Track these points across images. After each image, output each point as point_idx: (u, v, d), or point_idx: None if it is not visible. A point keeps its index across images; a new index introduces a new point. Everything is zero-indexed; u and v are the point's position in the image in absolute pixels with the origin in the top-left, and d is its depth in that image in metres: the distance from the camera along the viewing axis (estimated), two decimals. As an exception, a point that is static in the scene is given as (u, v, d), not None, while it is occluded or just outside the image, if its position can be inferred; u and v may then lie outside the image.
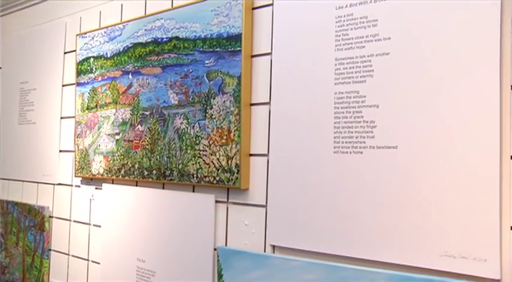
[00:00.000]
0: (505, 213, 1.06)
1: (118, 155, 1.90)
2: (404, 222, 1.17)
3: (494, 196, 1.05)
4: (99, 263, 2.02)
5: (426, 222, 1.14)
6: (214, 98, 1.56)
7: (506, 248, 1.05)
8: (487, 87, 1.07)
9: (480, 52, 1.08)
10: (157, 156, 1.73)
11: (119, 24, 1.94)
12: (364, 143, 1.24)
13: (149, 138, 1.78)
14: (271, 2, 1.49)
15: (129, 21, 1.90)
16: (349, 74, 1.28)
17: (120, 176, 1.88)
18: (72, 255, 2.18)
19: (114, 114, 1.93)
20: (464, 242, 1.08)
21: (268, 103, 1.47)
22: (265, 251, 1.45)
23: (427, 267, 1.13)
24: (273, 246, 1.44)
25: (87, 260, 2.10)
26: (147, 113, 1.79)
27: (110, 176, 1.94)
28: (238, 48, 1.50)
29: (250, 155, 1.51)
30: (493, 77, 1.07)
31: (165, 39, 1.75)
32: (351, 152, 1.26)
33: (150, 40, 1.80)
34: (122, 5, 2.01)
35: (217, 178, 1.54)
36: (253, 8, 1.53)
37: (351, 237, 1.25)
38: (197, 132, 1.60)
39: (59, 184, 2.28)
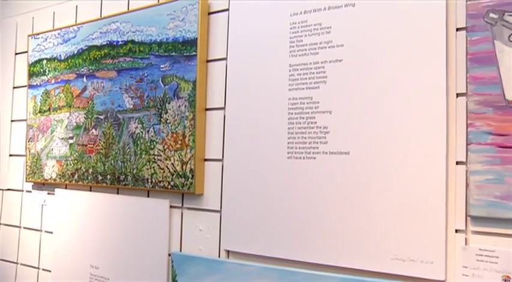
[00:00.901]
0: (450, 217, 1.09)
1: (71, 160, 1.86)
2: (355, 226, 1.19)
3: (440, 201, 1.09)
4: (50, 271, 1.96)
5: (377, 227, 1.16)
6: (169, 103, 1.55)
7: (451, 250, 1.08)
8: (434, 94, 1.11)
9: (427, 61, 1.12)
10: (112, 161, 1.71)
11: (74, 25, 1.91)
12: (317, 148, 1.25)
13: (103, 142, 1.75)
14: (227, 7, 1.50)
15: (84, 23, 1.87)
16: (303, 80, 1.29)
17: (74, 181, 1.84)
18: (21, 264, 2.11)
19: (68, 118, 1.89)
20: (413, 246, 1.11)
21: (223, 108, 1.47)
22: (219, 256, 1.45)
23: (378, 270, 1.15)
24: (228, 252, 1.44)
25: (38, 268, 2.03)
26: (102, 117, 1.76)
27: (63, 180, 1.89)
28: (194, 53, 1.50)
29: (205, 160, 1.50)
30: (439, 84, 1.10)
31: (120, 43, 1.72)
32: (304, 158, 1.28)
33: (105, 43, 1.77)
34: (76, 6, 1.97)
35: (172, 183, 1.52)
36: (210, 13, 1.53)
37: (304, 242, 1.27)
38: (152, 136, 1.59)
39: (8, 189, 2.21)
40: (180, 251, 1.54)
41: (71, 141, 1.87)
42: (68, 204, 1.90)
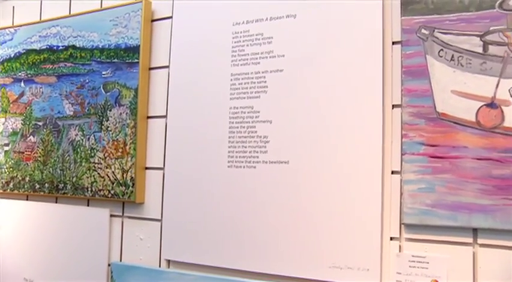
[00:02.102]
0: (385, 225, 1.12)
1: (7, 168, 1.79)
2: (295, 235, 1.20)
3: (376, 209, 1.12)
4: (-17, 283, 1.88)
5: (315, 235, 1.18)
6: (110, 110, 1.52)
7: (386, 257, 1.11)
8: (371, 105, 1.14)
9: (365, 72, 1.15)
10: (50, 169, 1.66)
11: (10, 27, 1.84)
12: (258, 157, 1.26)
13: (42, 149, 1.69)
14: (170, 15, 1.49)
15: (21, 25, 1.81)
16: (244, 90, 1.30)
17: (9, 190, 1.77)
18: (-47, 276, 2.02)
19: (3, 124, 1.82)
20: (350, 254, 1.13)
21: (165, 116, 1.46)
22: (160, 265, 1.43)
23: (317, 278, 1.17)
24: (168, 261, 1.42)
25: (-30, 280, 1.95)
26: (40, 123, 1.71)
27: (-3, 189, 1.82)
28: (136, 60, 1.48)
29: (146, 168, 1.48)
30: (376, 96, 1.14)
31: (61, 48, 1.68)
32: (244, 167, 1.28)
33: (44, 47, 1.72)
34: (13, 7, 1.90)
35: (112, 192, 1.50)
36: (153, 20, 1.52)
37: (244, 251, 1.27)
38: (92, 144, 1.55)
39: None
40: (120, 260, 1.51)
41: (6, 148, 1.80)
42: (1, 214, 1.82)
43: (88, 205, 1.61)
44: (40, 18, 1.81)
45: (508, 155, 1.01)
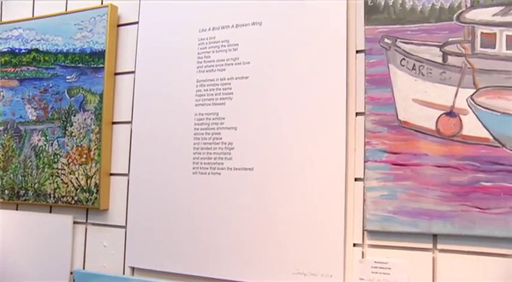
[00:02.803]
0: (349, 231, 1.14)
1: (-34, 173, 1.74)
2: (259, 242, 1.20)
3: (340, 216, 1.13)
4: None
5: (279, 242, 1.18)
6: (74, 115, 1.50)
7: (349, 264, 1.13)
8: (335, 113, 1.15)
9: (329, 80, 1.17)
10: (11, 175, 1.62)
11: (-31, 29, 1.79)
12: (222, 164, 1.26)
13: (2, 155, 1.65)
14: (137, 20, 1.48)
15: (-19, 27, 1.77)
16: (210, 96, 1.30)
17: (-32, 196, 1.72)
18: None
19: (-37, 129, 1.77)
20: (314, 260, 1.14)
21: (130, 122, 1.45)
22: (124, 273, 1.41)
23: (281, 284, 1.17)
24: (132, 268, 1.40)
25: None
26: (1, 128, 1.67)
27: (-45, 196, 1.76)
28: (102, 65, 1.46)
29: (111, 174, 1.46)
30: (340, 103, 1.15)
31: (23, 51, 1.65)
32: (209, 173, 1.28)
33: (6, 50, 1.69)
34: (-27, 8, 1.86)
35: (76, 198, 1.47)
36: (119, 25, 1.51)
37: (209, 258, 1.27)
38: (56, 150, 1.53)
39: None
40: (83, 268, 1.49)
41: (-34, 153, 1.75)
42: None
43: (50, 212, 1.58)
44: (1, 20, 1.77)
45: (466, 163, 1.03)
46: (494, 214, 1.01)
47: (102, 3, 1.52)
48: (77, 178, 1.48)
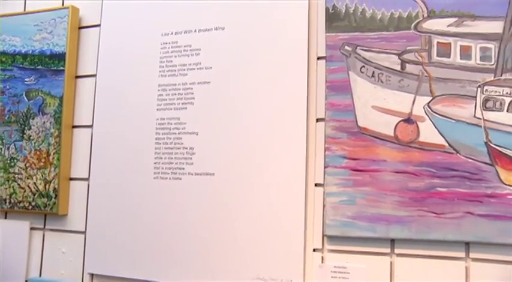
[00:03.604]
0: (309, 236, 1.14)
1: None
2: (220, 247, 1.20)
3: (300, 221, 1.14)
4: None
5: (240, 247, 1.18)
6: (33, 118, 1.47)
7: (309, 269, 1.14)
8: (296, 119, 1.16)
9: (290, 86, 1.18)
10: (-34, 179, 1.57)
11: None
12: (183, 169, 1.26)
13: (-43, 159, 1.60)
14: (98, 23, 1.46)
15: None
16: (172, 101, 1.29)
17: None
18: None
19: None
20: (274, 265, 1.15)
21: (91, 126, 1.42)
22: (82, 280, 1.38)
23: (242, 290, 1.17)
24: (92, 275, 1.38)
25: None
26: (-44, 131, 1.62)
27: None
28: (62, 68, 1.44)
29: (70, 179, 1.43)
30: (300, 109, 1.16)
31: (-21, 52, 1.60)
32: (170, 178, 1.27)
33: (-39, 51, 1.64)
34: None
35: (34, 203, 1.44)
36: (80, 27, 1.49)
37: (169, 263, 1.25)
38: (12, 154, 1.49)
39: None
40: (40, 276, 1.45)
41: None
42: None
43: (6, 218, 1.53)
44: (-46, 18, 1.71)
45: (423, 169, 1.06)
46: (448, 219, 1.03)
47: (63, 5, 1.50)
48: (34, 183, 1.44)
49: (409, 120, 1.08)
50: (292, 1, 1.20)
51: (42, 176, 1.43)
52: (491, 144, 1.03)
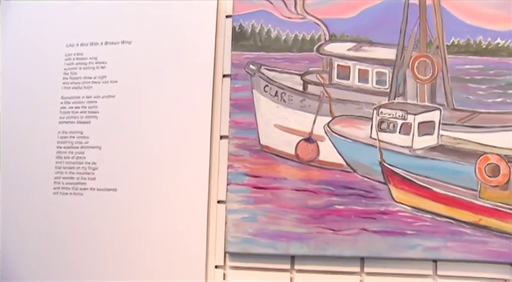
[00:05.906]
0: (211, 253, 1.14)
1: None
2: (123, 264, 1.17)
3: (202, 238, 1.14)
4: None
5: (143, 263, 1.16)
6: None
7: (211, 285, 1.14)
8: (199, 136, 1.16)
9: (195, 103, 1.18)
10: None
11: None
12: (85, 184, 1.22)
13: None
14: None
15: None
16: (75, 114, 1.25)
17: None
18: None
19: None
20: (177, 282, 1.14)
21: (-12, 137, 1.35)
22: (-24, 301, 1.31)
23: (144, 307, 1.15)
24: (-14, 295, 1.31)
25: None
26: None
27: None
28: (-41, 75, 1.36)
29: (-36, 193, 1.36)
30: (205, 126, 1.17)
31: None
32: (71, 193, 1.23)
33: None
34: None
35: None
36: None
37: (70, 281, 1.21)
38: None
39: None
40: None
41: None
42: None
43: None
44: None
45: (322, 187, 1.09)
46: (345, 235, 1.07)
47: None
48: None
49: (309, 139, 1.11)
50: (200, 19, 1.21)
51: None
52: (385, 164, 1.08)
